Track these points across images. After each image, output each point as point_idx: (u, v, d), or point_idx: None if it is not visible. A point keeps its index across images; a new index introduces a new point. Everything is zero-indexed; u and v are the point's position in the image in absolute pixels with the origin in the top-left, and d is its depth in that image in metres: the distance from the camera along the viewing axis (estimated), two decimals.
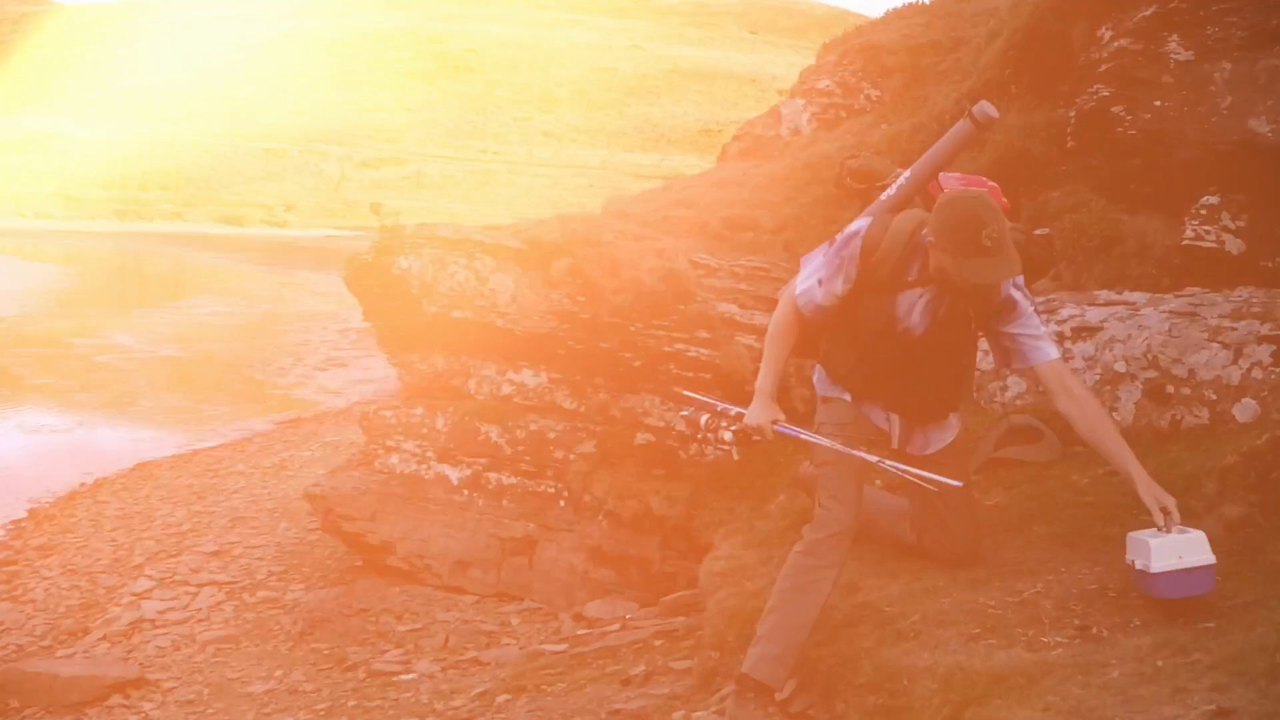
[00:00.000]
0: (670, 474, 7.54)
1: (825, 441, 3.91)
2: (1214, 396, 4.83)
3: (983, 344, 4.07)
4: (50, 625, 8.34)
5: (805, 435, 3.94)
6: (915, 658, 3.59)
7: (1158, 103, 6.36)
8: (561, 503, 8.08)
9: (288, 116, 70.24)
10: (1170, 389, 4.95)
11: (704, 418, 3.96)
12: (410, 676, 6.91)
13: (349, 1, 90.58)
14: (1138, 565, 3.50)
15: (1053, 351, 3.81)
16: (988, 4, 11.04)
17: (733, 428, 3.89)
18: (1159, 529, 3.46)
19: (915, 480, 3.80)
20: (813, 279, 3.93)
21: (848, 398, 4.02)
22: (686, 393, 4.53)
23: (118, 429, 15.45)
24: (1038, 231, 6.18)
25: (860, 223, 3.90)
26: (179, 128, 68.67)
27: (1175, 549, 3.42)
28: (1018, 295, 3.77)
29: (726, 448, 3.97)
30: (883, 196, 4.22)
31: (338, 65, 76.91)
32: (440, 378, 8.81)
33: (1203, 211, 6.04)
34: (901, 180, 4.23)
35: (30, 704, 6.93)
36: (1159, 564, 3.42)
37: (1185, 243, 6.02)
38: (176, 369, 20.14)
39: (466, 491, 8.46)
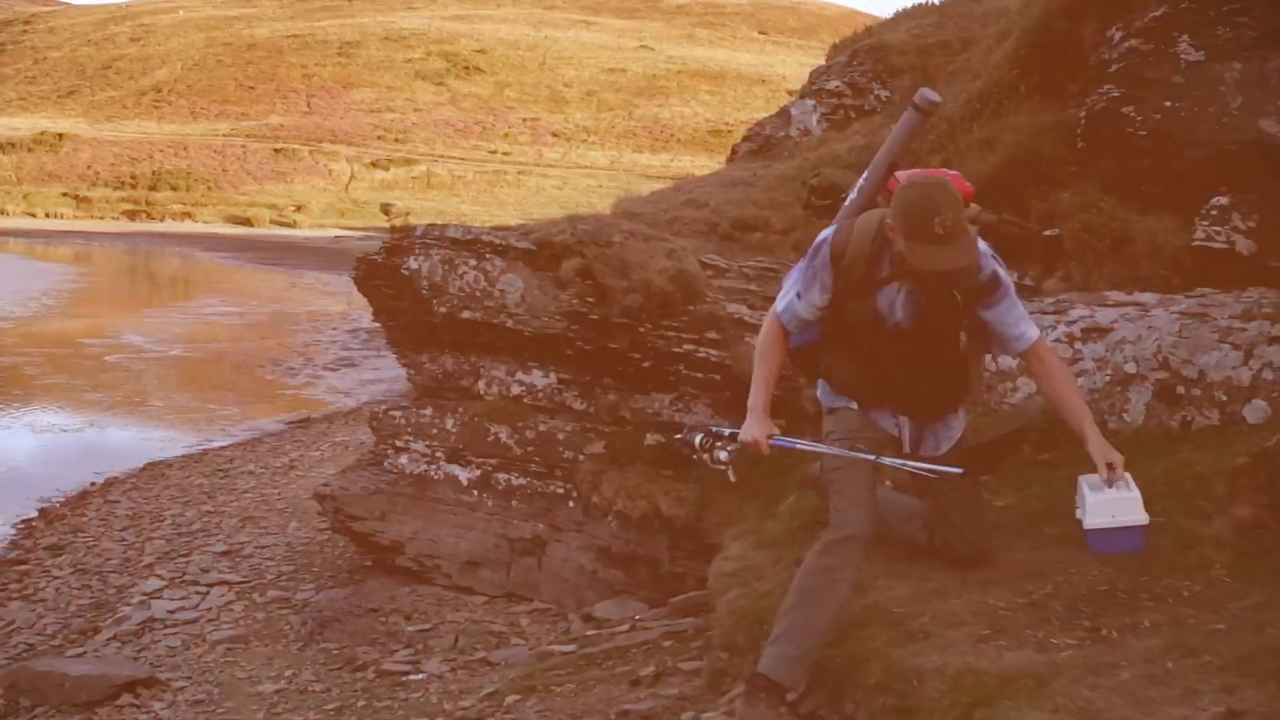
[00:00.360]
0: (679, 475, 7.54)
1: (823, 448, 3.92)
2: (1224, 397, 4.82)
3: None
4: (60, 624, 8.36)
5: (803, 445, 3.94)
6: (925, 659, 3.59)
7: (1168, 103, 6.35)
8: (570, 503, 8.08)
9: (297, 117, 70.39)
10: (1180, 390, 4.95)
11: (698, 438, 3.94)
12: (419, 677, 6.92)
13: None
14: (1076, 514, 3.60)
15: (1033, 334, 3.82)
16: (997, 4, 11.01)
17: (729, 448, 3.86)
18: (1103, 482, 3.54)
19: (915, 472, 3.83)
20: (791, 293, 3.96)
21: (854, 406, 4.03)
22: (683, 423, 4.51)
23: (128, 429, 15.48)
24: (1048, 232, 6.18)
25: (826, 231, 3.94)
26: (189, 128, 68.88)
27: (1110, 508, 3.51)
28: (1002, 274, 3.76)
29: (723, 468, 3.90)
30: (846, 203, 4.25)
31: (347, 65, 77.02)
32: (450, 378, 8.82)
33: (1213, 212, 6.03)
34: (860, 183, 4.26)
35: (41, 703, 6.94)
36: (1092, 520, 3.52)
37: (1196, 243, 6.01)
38: (187, 369, 20.20)
39: (476, 492, 8.47)
